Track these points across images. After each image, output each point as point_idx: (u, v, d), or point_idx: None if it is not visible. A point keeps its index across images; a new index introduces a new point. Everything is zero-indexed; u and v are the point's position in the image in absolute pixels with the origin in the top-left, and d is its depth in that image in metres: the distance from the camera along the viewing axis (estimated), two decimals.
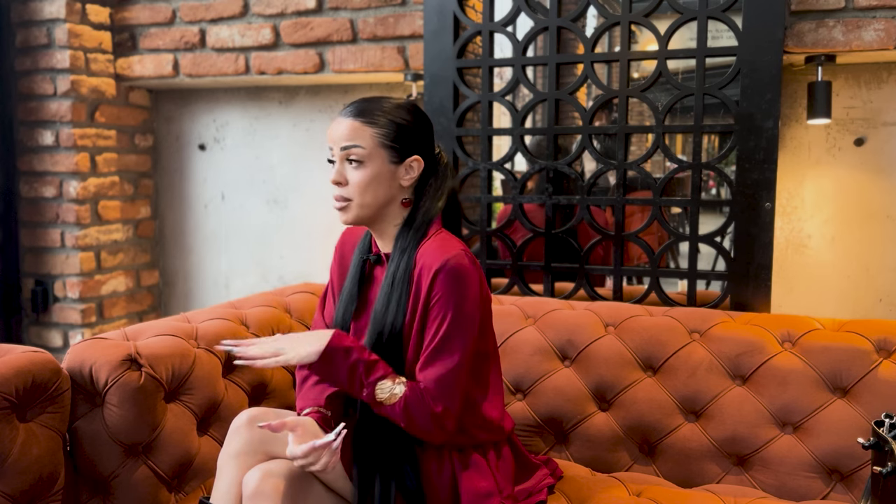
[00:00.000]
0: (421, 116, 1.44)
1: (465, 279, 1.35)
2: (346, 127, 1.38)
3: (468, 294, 1.35)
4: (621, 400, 1.75)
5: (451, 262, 1.34)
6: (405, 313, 1.38)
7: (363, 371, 1.31)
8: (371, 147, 1.37)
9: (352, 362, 1.31)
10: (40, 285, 2.68)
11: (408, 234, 1.41)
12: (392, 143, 1.38)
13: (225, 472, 1.37)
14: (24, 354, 1.42)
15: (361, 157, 1.37)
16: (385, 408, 1.33)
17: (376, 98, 1.43)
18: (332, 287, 1.59)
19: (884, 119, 2.03)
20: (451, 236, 1.43)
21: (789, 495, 1.60)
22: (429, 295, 1.36)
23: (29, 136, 2.65)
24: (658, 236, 2.34)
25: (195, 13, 2.58)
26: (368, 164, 1.37)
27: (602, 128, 2.03)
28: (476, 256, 2.14)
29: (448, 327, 1.34)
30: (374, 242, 1.49)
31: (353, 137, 1.37)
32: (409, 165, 1.40)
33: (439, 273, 1.34)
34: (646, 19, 1.92)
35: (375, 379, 1.32)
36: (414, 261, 1.39)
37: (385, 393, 1.32)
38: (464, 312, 1.34)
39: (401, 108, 1.41)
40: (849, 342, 1.63)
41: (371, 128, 1.37)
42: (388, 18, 2.33)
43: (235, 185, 2.83)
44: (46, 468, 1.40)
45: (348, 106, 1.42)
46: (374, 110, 1.39)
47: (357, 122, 1.38)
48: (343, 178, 1.39)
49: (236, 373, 1.75)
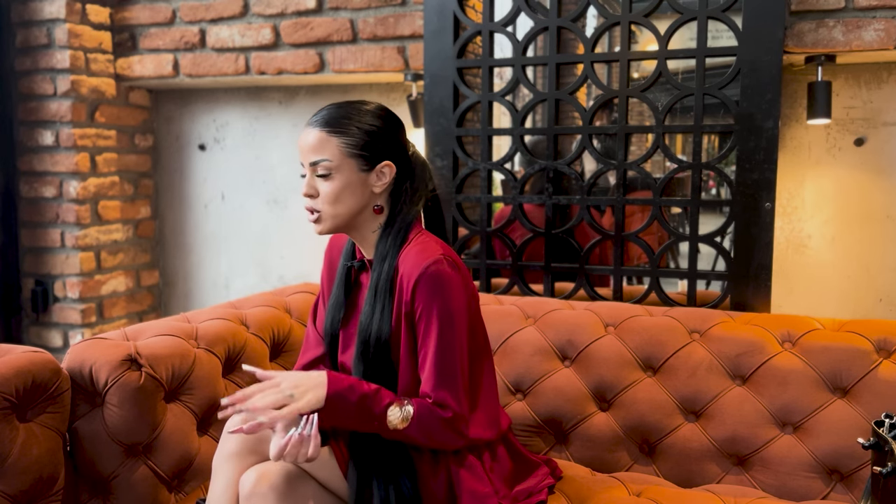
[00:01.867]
0: (390, 120, 1.41)
1: (446, 285, 1.33)
2: (314, 138, 1.36)
3: (451, 299, 1.33)
4: (621, 400, 1.75)
5: (429, 269, 1.33)
6: (391, 321, 1.38)
7: (371, 404, 1.30)
8: (338, 158, 1.35)
9: (357, 399, 1.29)
10: (40, 285, 2.68)
11: (387, 241, 1.40)
12: (360, 150, 1.36)
13: (220, 474, 1.37)
14: (24, 354, 1.42)
15: (329, 169, 1.35)
16: (399, 432, 1.32)
17: (343, 104, 1.40)
18: (322, 294, 1.58)
19: (884, 119, 2.03)
20: (431, 239, 1.41)
21: (789, 495, 1.60)
22: (412, 305, 1.35)
23: (29, 136, 2.65)
24: (658, 236, 2.33)
25: (195, 13, 2.58)
26: (337, 176, 1.35)
27: (602, 128, 2.03)
28: (474, 256, 2.14)
29: (438, 335, 1.33)
30: (357, 249, 1.49)
31: (320, 150, 1.35)
32: (380, 172, 1.38)
33: (419, 282, 1.33)
34: (646, 19, 1.92)
35: (384, 408, 1.31)
36: (396, 267, 1.38)
37: (396, 418, 1.31)
38: (451, 318, 1.33)
39: (368, 114, 1.38)
40: (849, 342, 1.63)
41: (337, 138, 1.35)
42: (388, 18, 2.33)
43: (235, 186, 2.83)
44: (46, 468, 1.40)
45: (315, 115, 1.39)
46: (339, 118, 1.36)
47: (323, 133, 1.35)
48: (314, 191, 1.37)
49: (236, 373, 1.75)
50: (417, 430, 1.32)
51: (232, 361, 1.74)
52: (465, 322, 1.36)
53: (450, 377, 1.33)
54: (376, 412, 1.30)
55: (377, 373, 1.38)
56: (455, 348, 1.34)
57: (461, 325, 1.35)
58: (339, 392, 1.28)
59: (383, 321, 1.37)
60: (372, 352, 1.38)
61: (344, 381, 1.31)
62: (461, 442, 1.36)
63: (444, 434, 1.33)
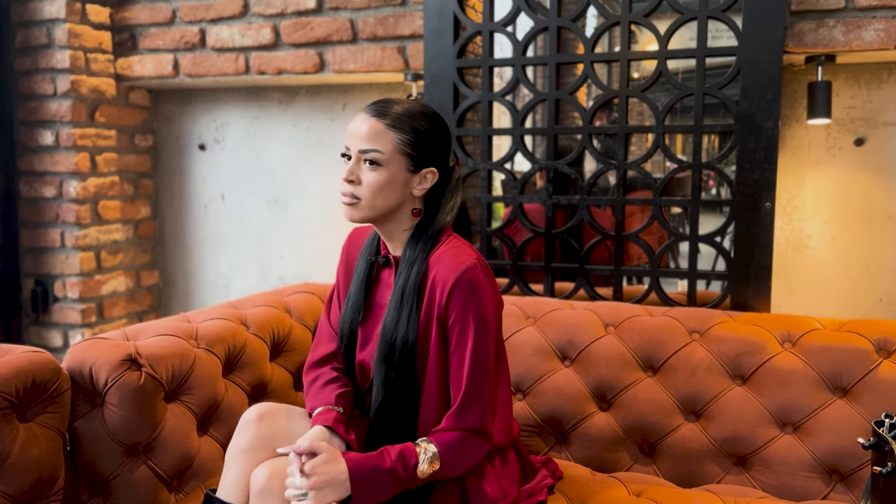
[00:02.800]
0: (443, 127, 1.41)
1: (481, 290, 1.34)
2: (368, 127, 1.35)
3: (485, 305, 1.34)
4: (621, 400, 1.75)
5: (466, 275, 1.33)
6: (417, 326, 1.36)
7: (399, 476, 1.28)
8: (390, 152, 1.34)
9: (387, 475, 1.28)
10: (40, 285, 2.68)
11: (417, 244, 1.39)
12: (412, 151, 1.36)
13: (233, 467, 1.37)
14: (24, 354, 1.42)
15: (379, 161, 1.34)
16: (435, 475, 1.32)
17: (401, 100, 1.39)
18: (338, 289, 1.57)
19: (884, 119, 2.03)
20: (463, 244, 1.41)
21: (789, 495, 1.60)
22: (447, 309, 1.34)
23: (29, 136, 2.65)
24: (658, 236, 2.34)
25: (195, 13, 2.58)
26: (385, 169, 1.34)
27: (602, 128, 2.03)
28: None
29: (474, 342, 1.33)
30: (382, 244, 1.48)
31: (374, 141, 1.34)
32: (423, 176, 1.38)
33: (455, 287, 1.33)
34: (646, 19, 1.92)
35: (413, 468, 1.29)
36: (426, 268, 1.37)
37: (426, 466, 1.30)
38: (485, 324, 1.34)
39: (425, 116, 1.38)
40: (849, 342, 1.63)
41: (393, 132, 1.34)
42: (388, 18, 2.33)
43: (235, 185, 2.83)
44: (46, 468, 1.40)
45: (373, 104, 1.38)
46: (399, 114, 1.36)
47: (380, 124, 1.35)
48: (356, 177, 1.36)
49: (236, 373, 1.75)
50: (448, 465, 1.32)
51: (232, 361, 1.74)
52: (493, 328, 1.36)
53: (482, 390, 1.34)
54: (406, 478, 1.29)
55: (400, 377, 1.37)
56: (489, 356, 1.34)
57: (492, 331, 1.36)
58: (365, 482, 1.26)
59: (410, 325, 1.36)
60: (397, 356, 1.37)
61: (362, 465, 1.27)
62: (487, 446, 1.37)
63: (471, 455, 1.34)
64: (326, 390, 1.45)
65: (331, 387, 1.45)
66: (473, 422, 1.33)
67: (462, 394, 1.33)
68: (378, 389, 1.39)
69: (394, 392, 1.38)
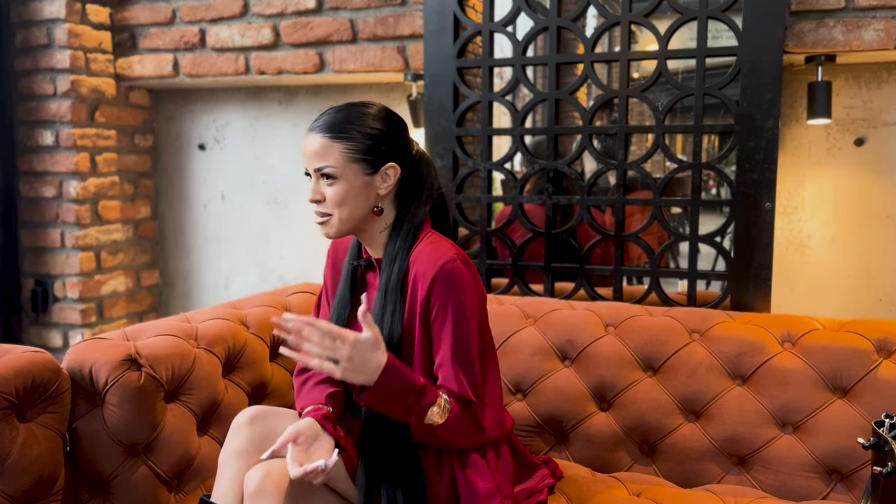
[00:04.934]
0: (392, 121, 1.41)
1: (461, 283, 1.35)
2: (317, 144, 1.36)
3: (465, 296, 1.35)
4: (621, 400, 1.75)
5: (445, 268, 1.34)
6: (401, 323, 1.38)
7: (414, 399, 1.30)
8: (342, 163, 1.35)
9: (403, 392, 1.29)
10: (40, 285, 2.68)
11: (396, 242, 1.41)
12: (363, 155, 1.36)
13: (226, 470, 1.37)
14: (24, 354, 1.42)
15: (334, 174, 1.35)
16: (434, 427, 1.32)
17: (345, 107, 1.39)
18: (325, 292, 1.58)
19: (884, 119, 2.03)
20: (441, 239, 1.42)
21: (789, 495, 1.60)
22: (428, 304, 1.36)
23: (29, 136, 2.65)
24: (658, 236, 2.33)
25: (195, 13, 2.58)
26: (342, 180, 1.35)
27: (602, 128, 2.03)
28: (474, 256, 2.14)
29: (454, 330, 1.34)
30: (363, 248, 1.49)
31: (323, 156, 1.35)
32: (384, 174, 1.39)
33: (435, 281, 1.34)
34: (646, 19, 1.92)
35: (426, 406, 1.31)
36: (406, 267, 1.39)
37: (436, 411, 1.31)
38: (465, 314, 1.35)
39: (369, 117, 1.38)
40: (849, 342, 1.63)
41: (340, 143, 1.35)
42: (388, 18, 2.33)
43: (235, 185, 2.83)
44: (46, 468, 1.40)
45: (317, 119, 1.39)
46: (341, 123, 1.36)
47: (325, 139, 1.35)
48: (320, 195, 1.38)
49: (236, 373, 1.75)
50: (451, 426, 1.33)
51: (232, 361, 1.74)
52: (476, 319, 1.38)
53: (467, 368, 1.35)
54: (417, 408, 1.31)
55: None
56: (470, 342, 1.35)
57: (474, 321, 1.37)
58: (389, 384, 1.28)
59: (395, 322, 1.38)
60: None
61: (398, 373, 1.29)
62: (480, 439, 1.38)
63: (470, 428, 1.35)
64: (316, 391, 1.46)
65: (321, 387, 1.46)
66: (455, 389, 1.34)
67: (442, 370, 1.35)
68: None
69: None
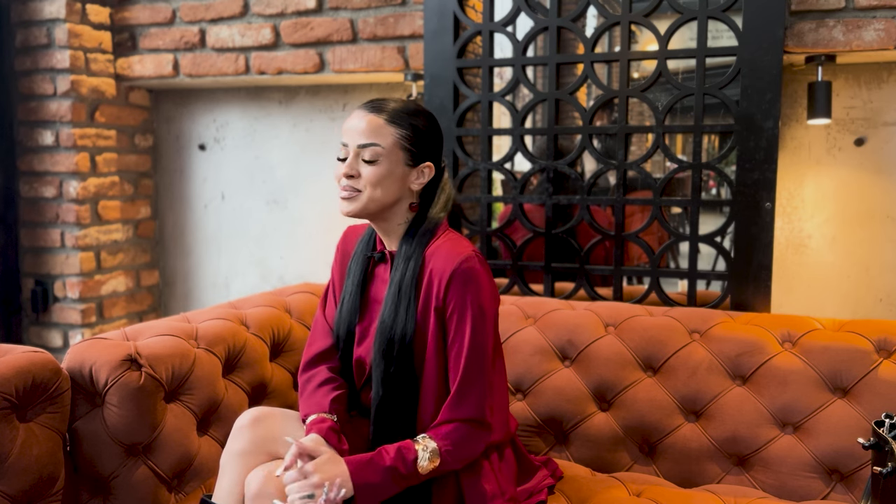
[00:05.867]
0: (437, 126, 1.46)
1: (478, 281, 1.36)
2: (367, 123, 1.37)
3: (482, 295, 1.36)
4: (621, 400, 1.75)
5: (463, 265, 1.35)
6: (415, 320, 1.38)
7: (399, 473, 1.29)
8: (389, 146, 1.37)
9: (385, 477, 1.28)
10: (40, 285, 2.68)
11: (413, 240, 1.41)
12: (410, 146, 1.39)
13: (228, 471, 1.37)
14: (24, 354, 1.42)
15: (378, 156, 1.37)
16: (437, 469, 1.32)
17: (396, 99, 1.43)
18: (332, 286, 1.58)
19: (884, 119, 2.03)
20: (459, 237, 1.44)
21: (789, 495, 1.60)
22: (444, 300, 1.36)
23: (29, 136, 2.65)
24: (658, 236, 2.34)
25: (195, 13, 2.58)
26: (384, 162, 1.37)
27: (602, 128, 2.03)
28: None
29: (471, 330, 1.34)
30: (378, 240, 1.49)
31: (373, 135, 1.37)
32: (421, 170, 1.41)
33: (453, 278, 1.34)
34: (646, 19, 1.92)
35: (412, 464, 1.29)
36: (422, 262, 1.39)
37: (426, 462, 1.30)
38: (482, 313, 1.35)
39: (421, 114, 1.42)
40: (849, 342, 1.63)
41: (392, 127, 1.37)
42: (388, 18, 2.33)
43: (235, 185, 2.83)
44: (46, 468, 1.40)
45: (369, 102, 1.41)
46: (396, 110, 1.39)
47: (379, 120, 1.38)
48: (356, 171, 1.38)
49: (236, 373, 1.75)
50: (449, 458, 1.32)
51: (232, 361, 1.74)
52: (491, 318, 1.38)
53: (480, 378, 1.35)
54: (407, 474, 1.29)
55: (399, 371, 1.38)
56: (486, 346, 1.35)
57: (490, 321, 1.37)
58: (366, 482, 1.27)
59: (408, 321, 1.38)
60: (396, 350, 1.38)
61: (365, 466, 1.28)
62: (488, 437, 1.37)
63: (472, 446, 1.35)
64: (319, 393, 1.45)
65: (324, 389, 1.45)
66: (471, 411, 1.34)
67: (458, 381, 1.34)
68: (377, 385, 1.40)
69: (393, 387, 1.38)
